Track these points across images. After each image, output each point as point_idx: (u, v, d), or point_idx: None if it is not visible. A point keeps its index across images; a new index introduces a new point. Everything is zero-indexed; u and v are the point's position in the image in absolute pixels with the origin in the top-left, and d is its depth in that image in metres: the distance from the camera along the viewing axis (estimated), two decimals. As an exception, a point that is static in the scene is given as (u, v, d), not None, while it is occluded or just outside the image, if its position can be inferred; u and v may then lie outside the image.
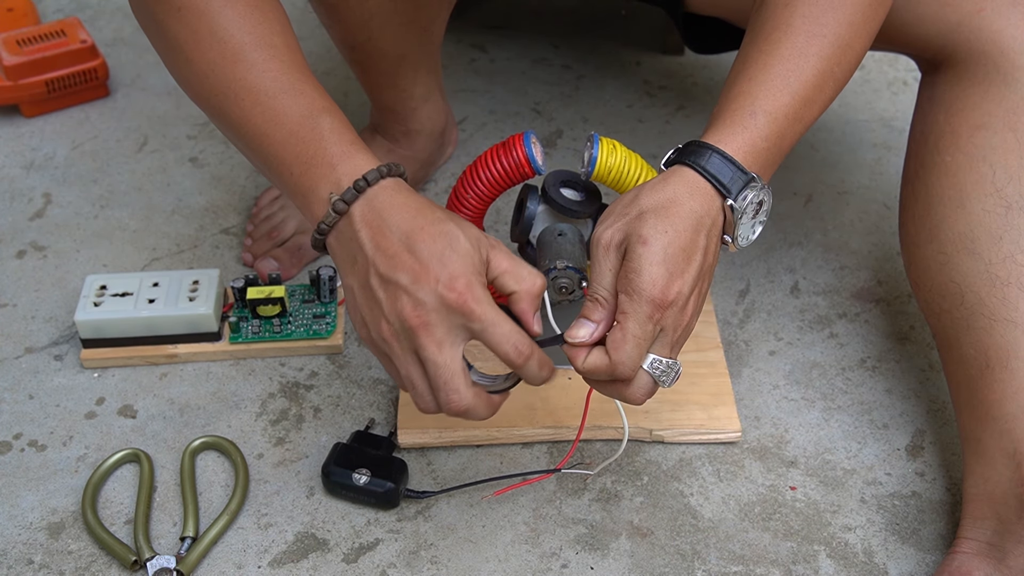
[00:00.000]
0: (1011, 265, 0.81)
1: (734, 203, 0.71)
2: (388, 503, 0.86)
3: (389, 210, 0.69)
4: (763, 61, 0.75)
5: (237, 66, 0.73)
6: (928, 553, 0.84)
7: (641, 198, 0.71)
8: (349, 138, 0.72)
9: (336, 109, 0.74)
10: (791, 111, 0.74)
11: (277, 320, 0.98)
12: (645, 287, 0.69)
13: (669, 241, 0.70)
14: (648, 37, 1.40)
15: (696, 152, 0.72)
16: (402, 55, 1.00)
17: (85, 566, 0.82)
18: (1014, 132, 0.83)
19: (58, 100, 1.25)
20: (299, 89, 0.73)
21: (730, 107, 0.74)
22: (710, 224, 0.72)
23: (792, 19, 0.75)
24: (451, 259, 0.68)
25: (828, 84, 0.76)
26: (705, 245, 0.71)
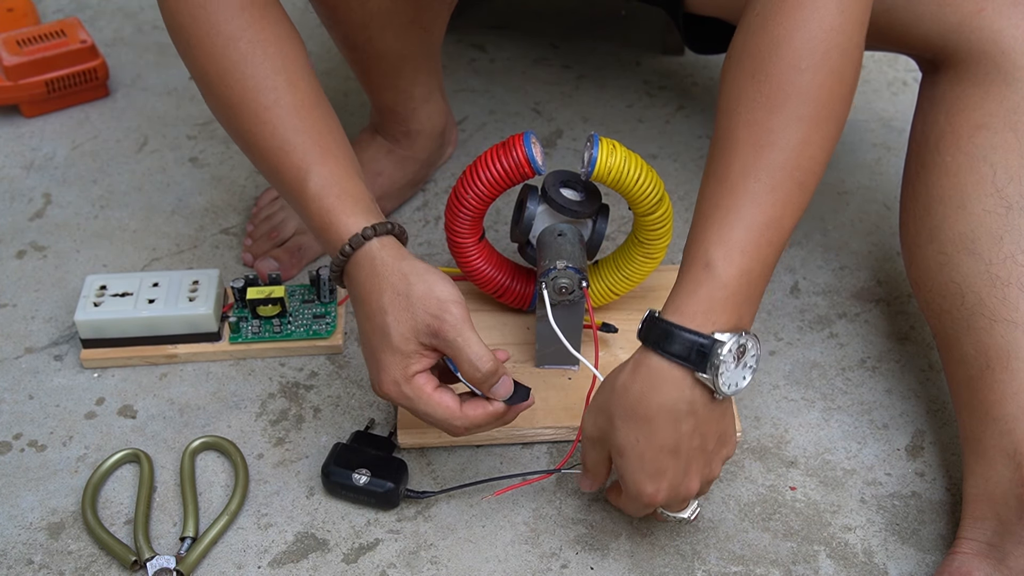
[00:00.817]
0: (1012, 265, 0.81)
1: (703, 375, 0.71)
2: (388, 503, 0.86)
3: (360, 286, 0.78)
4: (714, 193, 0.72)
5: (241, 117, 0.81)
6: (928, 553, 0.84)
7: (613, 398, 0.74)
8: (335, 193, 0.78)
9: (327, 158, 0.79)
10: (749, 244, 0.71)
11: (277, 320, 0.98)
12: (632, 492, 0.75)
13: (643, 448, 0.73)
14: (648, 37, 1.40)
15: (656, 332, 0.71)
16: (403, 56, 1.00)
17: (85, 566, 0.82)
18: (1015, 132, 0.83)
19: (58, 100, 1.25)
20: (290, 147, 0.79)
21: (687, 260, 0.73)
22: (685, 407, 0.72)
23: (736, 131, 0.72)
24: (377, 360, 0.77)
25: (792, 194, 0.72)
26: (689, 429, 0.73)
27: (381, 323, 0.76)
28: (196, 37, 0.80)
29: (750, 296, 0.72)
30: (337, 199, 0.78)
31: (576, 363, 0.95)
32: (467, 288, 1.01)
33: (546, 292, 0.87)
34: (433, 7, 0.97)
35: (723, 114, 0.74)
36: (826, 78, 0.71)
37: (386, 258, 0.77)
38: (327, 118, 0.82)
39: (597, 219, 0.92)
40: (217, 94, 0.81)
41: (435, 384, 0.78)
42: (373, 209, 0.79)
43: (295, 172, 0.79)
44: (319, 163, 0.79)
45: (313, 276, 1.00)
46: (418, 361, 0.77)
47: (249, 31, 0.80)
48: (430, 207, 1.15)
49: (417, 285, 0.76)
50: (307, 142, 0.79)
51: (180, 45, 0.82)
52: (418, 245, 1.10)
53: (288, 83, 0.80)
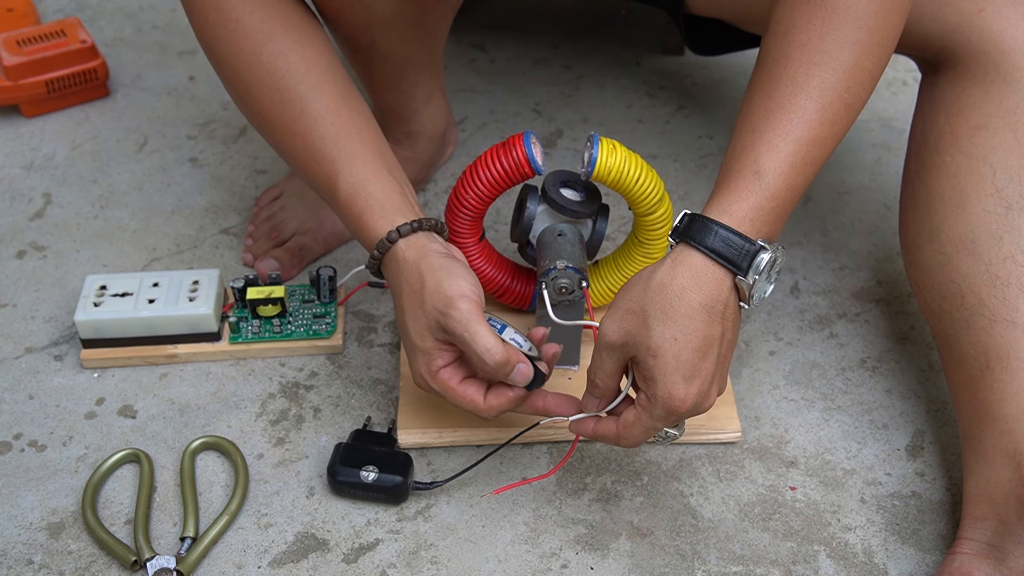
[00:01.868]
0: (1011, 265, 0.81)
1: (744, 279, 0.71)
2: (398, 497, 0.86)
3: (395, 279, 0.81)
4: (764, 106, 0.72)
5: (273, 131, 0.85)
6: (928, 553, 0.84)
7: (648, 296, 0.71)
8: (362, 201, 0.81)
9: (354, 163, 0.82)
10: (797, 159, 0.71)
11: (277, 320, 0.98)
12: (662, 396, 0.72)
13: (680, 348, 0.70)
14: (648, 37, 1.40)
15: (701, 230, 0.71)
16: (405, 58, 1.00)
17: (85, 566, 0.82)
18: (1014, 132, 0.83)
19: (58, 100, 1.25)
20: (319, 156, 0.83)
21: (735, 166, 0.72)
22: (722, 309, 0.71)
23: (789, 50, 0.72)
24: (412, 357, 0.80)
25: (839, 115, 0.72)
26: (721, 332, 0.72)
27: (402, 323, 0.80)
28: (223, 56, 0.84)
29: (787, 211, 0.73)
30: (365, 205, 0.81)
31: (576, 363, 0.95)
32: (467, 288, 1.01)
33: (546, 292, 0.87)
34: (436, 10, 0.97)
35: (775, 35, 0.73)
36: (880, 6, 0.72)
37: (408, 258, 0.79)
38: (354, 116, 0.84)
39: (597, 219, 0.92)
40: (248, 109, 0.86)
41: (461, 377, 0.80)
42: (402, 206, 0.81)
43: (326, 182, 0.83)
44: (345, 170, 0.82)
45: (313, 276, 1.00)
46: (439, 356, 0.79)
47: (271, 44, 0.82)
48: (430, 207, 1.15)
49: (429, 282, 0.77)
50: (333, 149, 0.82)
51: (213, 64, 0.86)
52: (418, 245, 1.10)
53: (313, 89, 0.83)
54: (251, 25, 0.82)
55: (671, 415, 0.73)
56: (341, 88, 0.84)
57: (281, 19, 0.83)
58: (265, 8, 0.83)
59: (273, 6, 0.83)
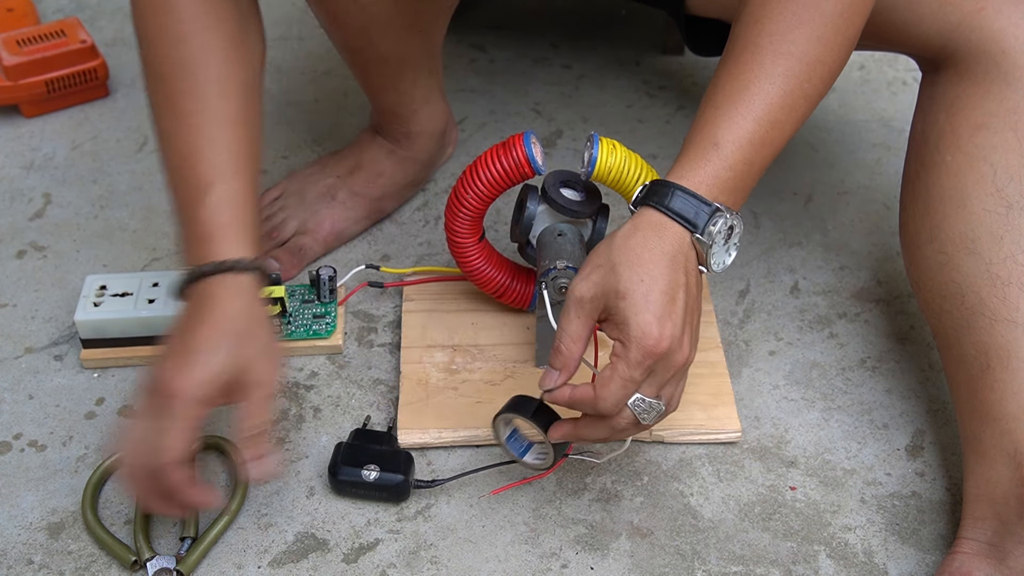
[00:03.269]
0: (1012, 265, 0.81)
1: (700, 236, 0.73)
2: (399, 496, 0.86)
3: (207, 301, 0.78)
4: (729, 87, 0.76)
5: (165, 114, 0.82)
6: (928, 553, 0.84)
7: (613, 250, 0.74)
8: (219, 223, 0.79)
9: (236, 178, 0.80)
10: (756, 137, 0.75)
11: (277, 320, 0.98)
12: (635, 335, 0.72)
13: (648, 288, 0.72)
14: (648, 37, 1.40)
15: (660, 192, 0.74)
16: (402, 59, 1.00)
17: (85, 566, 0.82)
18: (1015, 132, 0.83)
19: (58, 100, 1.25)
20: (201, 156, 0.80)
21: (695, 139, 0.76)
22: (684, 260, 0.74)
23: (759, 38, 0.76)
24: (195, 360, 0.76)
25: (798, 103, 0.76)
26: (685, 281, 0.74)
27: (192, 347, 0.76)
28: (150, 35, 0.82)
29: (745, 186, 0.76)
30: (231, 220, 0.79)
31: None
32: (467, 288, 1.01)
33: (546, 292, 0.87)
34: (432, 10, 0.97)
35: (746, 24, 0.77)
36: (846, 7, 0.76)
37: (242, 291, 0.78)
38: (249, 140, 0.82)
39: (597, 219, 0.92)
40: (152, 89, 0.83)
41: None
42: (256, 242, 0.81)
43: (198, 180, 0.80)
44: (227, 180, 0.80)
45: (313, 276, 1.00)
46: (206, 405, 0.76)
47: (202, 36, 0.81)
48: (430, 207, 1.15)
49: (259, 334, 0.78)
50: (219, 157, 0.80)
51: (138, 36, 0.84)
52: (418, 245, 1.10)
53: (220, 95, 0.81)
54: (188, 15, 0.81)
55: (646, 357, 0.72)
56: (249, 108, 0.83)
57: (219, 16, 0.82)
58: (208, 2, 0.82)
59: (217, 3, 0.82)
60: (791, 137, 0.77)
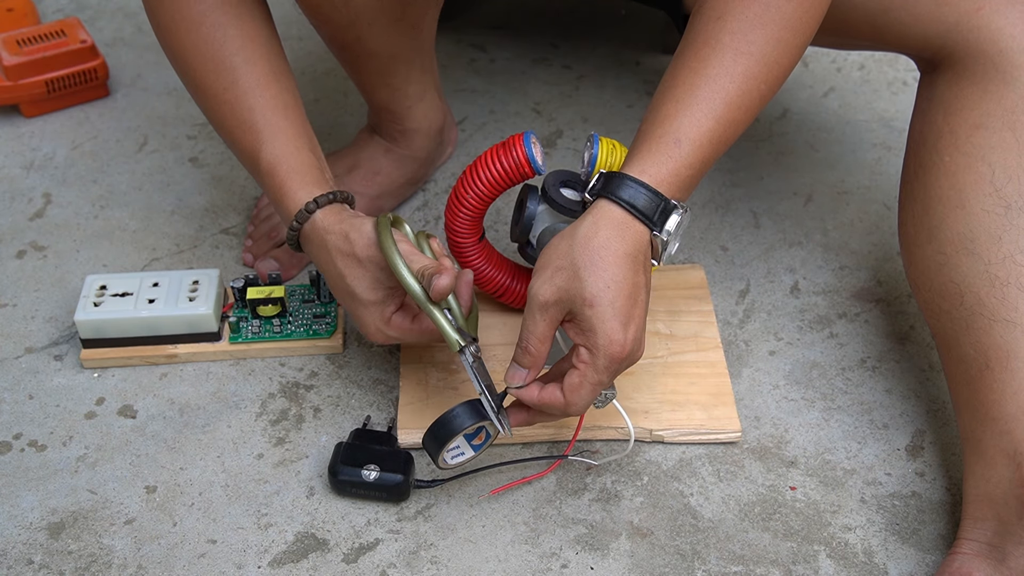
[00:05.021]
0: (1010, 265, 0.81)
1: (659, 234, 0.76)
2: (400, 495, 0.86)
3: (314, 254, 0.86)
4: (690, 81, 0.77)
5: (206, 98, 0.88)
6: (928, 553, 0.84)
7: (575, 250, 0.75)
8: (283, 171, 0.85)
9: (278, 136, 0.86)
10: (715, 135, 0.77)
11: (277, 320, 0.98)
12: (603, 344, 0.75)
13: (614, 295, 0.74)
14: (648, 37, 1.40)
15: (622, 186, 0.76)
16: (392, 54, 1.00)
17: (85, 566, 0.82)
18: (1013, 131, 0.83)
19: (58, 100, 1.25)
20: (245, 126, 0.86)
21: (655, 132, 0.77)
22: (643, 259, 0.77)
23: (721, 35, 0.77)
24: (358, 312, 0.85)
25: (753, 103, 0.78)
26: (645, 280, 0.77)
27: (344, 286, 0.84)
28: (164, 22, 0.87)
29: (697, 182, 0.79)
30: (285, 176, 0.85)
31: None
32: (467, 288, 1.01)
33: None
34: (419, 4, 0.97)
35: (707, 19, 0.78)
36: (805, 11, 0.78)
37: (329, 225, 0.84)
38: (283, 93, 0.88)
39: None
40: (185, 77, 0.89)
41: (412, 315, 0.85)
42: (320, 180, 0.86)
43: (250, 150, 0.87)
44: (270, 140, 0.86)
45: (313, 276, 1.00)
46: (390, 303, 0.84)
47: (212, 14, 0.86)
48: (430, 207, 1.15)
49: (355, 238, 0.82)
50: (260, 120, 0.86)
51: (155, 31, 0.89)
52: (418, 245, 1.10)
53: (246, 62, 0.87)
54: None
55: (612, 363, 0.75)
56: (275, 66, 0.88)
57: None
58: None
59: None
60: (737, 136, 0.79)
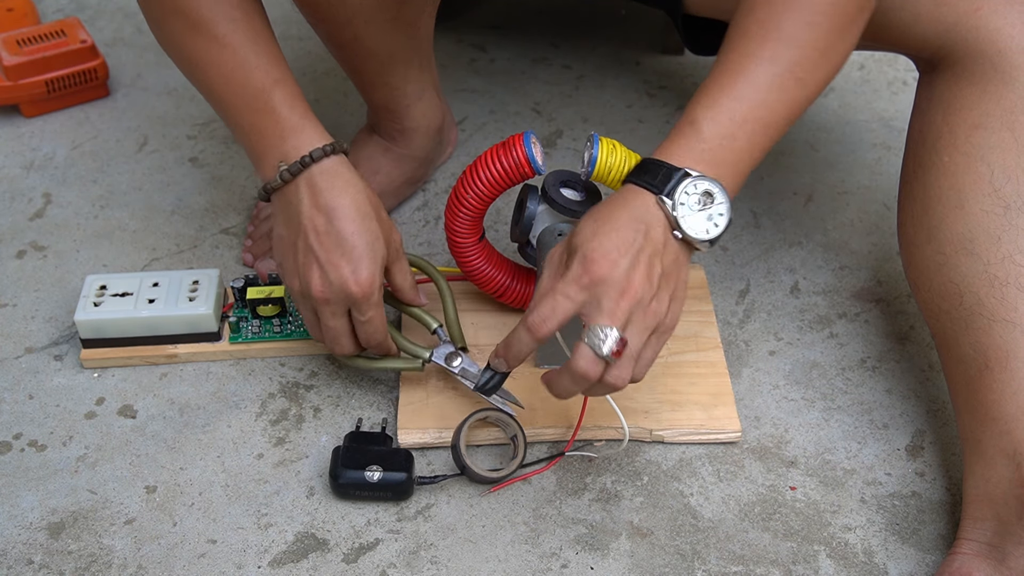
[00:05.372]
0: (1009, 265, 0.81)
1: (664, 197, 0.74)
2: (403, 494, 0.86)
3: (327, 190, 0.81)
4: (714, 72, 0.78)
5: (199, 39, 0.83)
6: (928, 553, 0.84)
7: (586, 215, 0.77)
8: (300, 111, 0.83)
9: (289, 80, 0.84)
10: (737, 114, 0.76)
11: (277, 320, 0.98)
12: (577, 257, 0.74)
13: (602, 230, 0.74)
14: (648, 37, 1.40)
15: (635, 170, 0.77)
16: (390, 53, 1.00)
17: (85, 566, 0.82)
18: (1012, 131, 0.83)
19: (58, 100, 1.26)
20: (255, 63, 0.83)
21: (677, 121, 0.78)
22: (649, 218, 0.75)
23: (749, 25, 0.77)
24: (364, 258, 0.81)
25: (789, 84, 0.77)
26: (647, 235, 0.74)
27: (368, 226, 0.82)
28: None
29: (731, 161, 0.76)
30: (303, 116, 0.83)
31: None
32: (467, 288, 1.01)
33: (546, 292, 0.87)
34: (415, 2, 0.97)
35: (739, 14, 0.78)
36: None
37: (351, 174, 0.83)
38: (280, 54, 0.86)
39: (597, 219, 0.92)
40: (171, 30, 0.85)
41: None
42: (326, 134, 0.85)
43: (259, 87, 0.83)
44: (283, 83, 0.83)
45: (313, 276, 1.00)
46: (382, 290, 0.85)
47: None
48: (430, 207, 1.15)
49: (382, 213, 0.84)
50: (269, 63, 0.84)
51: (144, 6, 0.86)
52: (418, 245, 1.10)
53: (245, 15, 0.84)
54: None
55: (585, 275, 0.73)
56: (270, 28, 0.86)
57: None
58: None
59: None
60: (790, 117, 0.78)
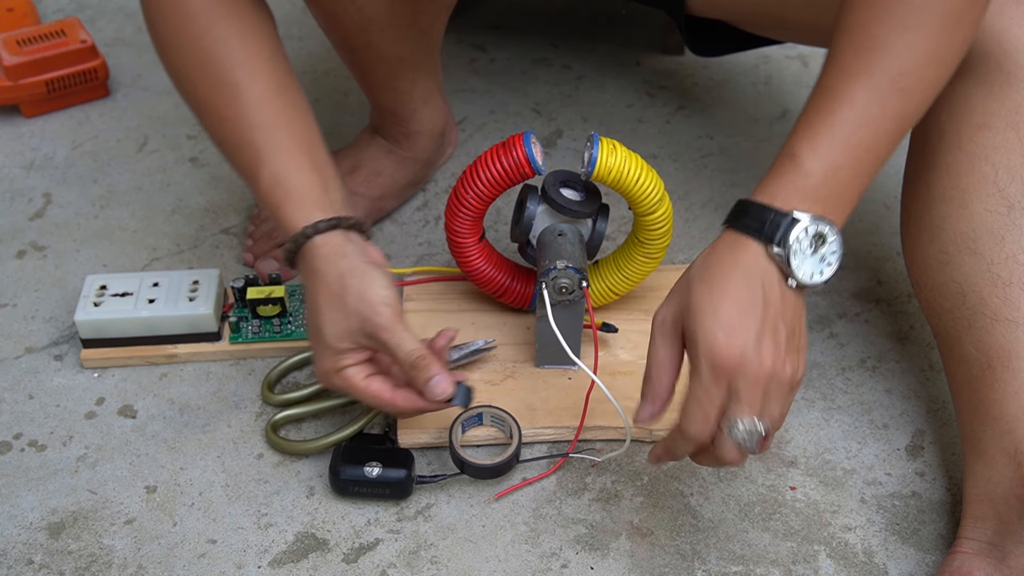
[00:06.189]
0: (1013, 265, 0.81)
1: (777, 248, 0.70)
2: (403, 492, 0.86)
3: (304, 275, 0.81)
4: (812, 97, 0.72)
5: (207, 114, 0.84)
6: (928, 553, 0.84)
7: (691, 270, 0.73)
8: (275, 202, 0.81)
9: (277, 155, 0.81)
10: (838, 140, 0.71)
11: (277, 320, 0.98)
12: (703, 350, 0.69)
13: (717, 302, 0.70)
14: (648, 37, 1.40)
15: (736, 211, 0.73)
16: (401, 58, 1.00)
17: (85, 566, 0.82)
18: (1016, 131, 0.83)
19: (58, 100, 1.25)
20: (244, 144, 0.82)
21: (777, 157, 0.73)
22: (761, 273, 0.71)
23: (840, 38, 0.72)
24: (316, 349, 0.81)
25: (889, 97, 0.71)
26: (763, 295, 0.70)
27: (316, 321, 0.79)
28: (166, 38, 0.84)
29: (838, 193, 0.72)
30: (284, 197, 0.81)
31: (575, 364, 0.95)
32: (467, 288, 1.01)
33: (546, 292, 0.87)
34: (431, 10, 0.97)
35: (835, 31, 0.73)
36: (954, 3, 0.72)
37: (327, 256, 0.79)
38: (286, 108, 0.83)
39: (597, 219, 0.92)
40: (185, 92, 0.85)
41: (365, 374, 0.80)
42: (321, 202, 0.81)
43: (249, 169, 0.83)
44: (268, 160, 0.81)
45: (313, 276, 1.00)
46: (349, 357, 0.80)
47: (214, 29, 0.82)
48: (430, 207, 1.15)
49: (351, 286, 0.78)
50: (260, 138, 0.82)
51: (156, 45, 0.85)
52: (418, 245, 1.10)
53: (249, 77, 0.82)
54: (196, 9, 0.82)
55: (717, 371, 0.69)
56: (279, 79, 0.84)
57: (228, 7, 0.83)
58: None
59: None
60: (898, 134, 0.73)
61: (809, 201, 0.71)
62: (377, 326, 0.77)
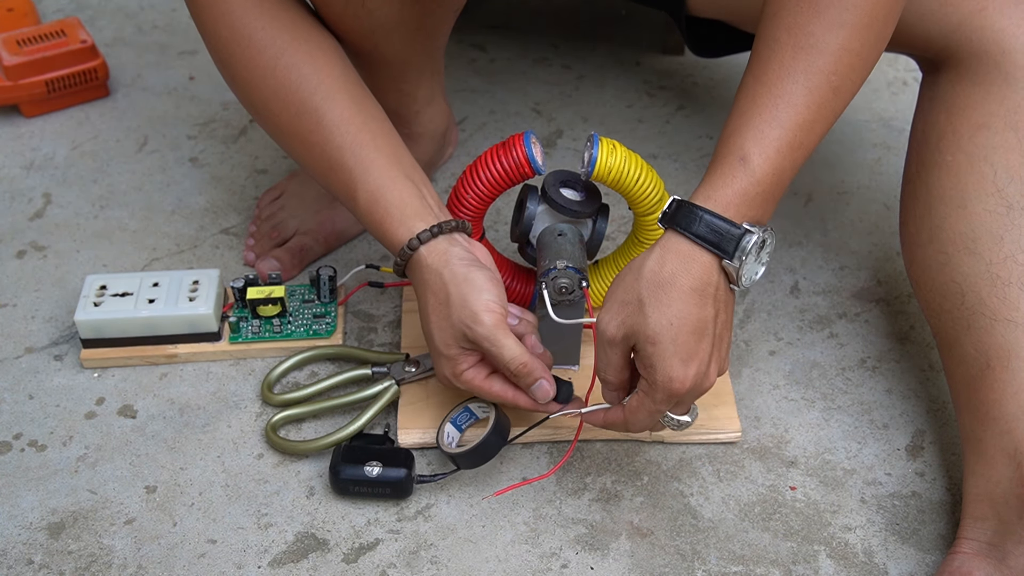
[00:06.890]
0: (1012, 265, 0.81)
1: (730, 261, 0.73)
2: (403, 491, 0.86)
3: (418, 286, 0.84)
4: (752, 91, 0.74)
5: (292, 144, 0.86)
6: (928, 553, 0.84)
7: (641, 283, 0.74)
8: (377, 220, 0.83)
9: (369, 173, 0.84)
10: (784, 144, 0.73)
11: (277, 320, 0.98)
12: (661, 380, 0.74)
13: (676, 332, 0.73)
14: (648, 37, 1.40)
15: (687, 216, 0.73)
16: (406, 62, 1.00)
17: (85, 566, 0.82)
18: (1015, 132, 0.83)
19: (58, 100, 1.25)
20: (337, 166, 0.84)
21: (722, 151, 0.74)
22: (713, 290, 0.73)
23: (777, 32, 0.73)
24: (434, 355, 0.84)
25: (826, 99, 0.73)
26: (714, 313, 0.74)
27: (427, 329, 0.83)
28: (237, 72, 0.86)
29: (775, 195, 0.74)
30: (384, 214, 0.83)
31: (576, 363, 0.95)
32: (467, 288, 1.01)
33: (546, 292, 0.87)
34: (437, 14, 0.97)
35: (766, 19, 0.75)
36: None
37: (431, 265, 0.82)
38: (368, 123, 0.85)
39: (597, 219, 0.92)
40: (266, 123, 0.87)
41: (484, 374, 0.83)
42: (421, 211, 0.83)
43: (346, 191, 0.85)
44: (362, 180, 0.84)
45: (313, 276, 1.00)
46: (463, 361, 0.82)
47: (283, 57, 0.84)
48: (430, 207, 1.14)
49: (454, 295, 0.80)
50: (350, 159, 0.84)
51: (227, 80, 0.88)
52: (418, 245, 1.10)
53: (326, 99, 0.84)
54: (263, 41, 0.84)
55: (672, 397, 0.75)
56: (355, 95, 0.86)
57: (292, 32, 0.85)
58: (276, 23, 0.84)
59: (284, 20, 0.85)
60: (826, 131, 0.75)
61: (757, 208, 0.73)
62: (478, 335, 0.80)
